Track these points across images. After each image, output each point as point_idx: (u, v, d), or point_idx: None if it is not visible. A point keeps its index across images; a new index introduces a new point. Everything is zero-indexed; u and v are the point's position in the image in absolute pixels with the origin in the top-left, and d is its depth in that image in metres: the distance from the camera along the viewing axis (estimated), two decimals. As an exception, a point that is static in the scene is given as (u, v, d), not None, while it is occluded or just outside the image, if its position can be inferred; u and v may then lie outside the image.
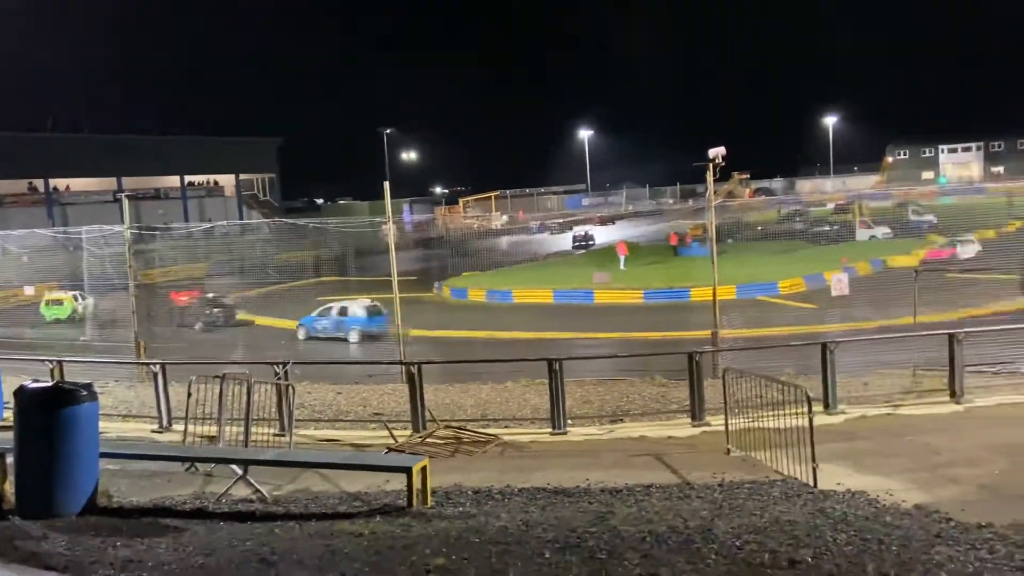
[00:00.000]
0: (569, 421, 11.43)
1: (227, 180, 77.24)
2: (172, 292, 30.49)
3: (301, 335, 25.74)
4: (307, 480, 8.76)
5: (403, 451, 10.17)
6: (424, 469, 7.52)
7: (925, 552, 5.39)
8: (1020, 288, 15.29)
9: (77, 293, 28.63)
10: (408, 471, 7.42)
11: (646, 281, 33.55)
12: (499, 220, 70.15)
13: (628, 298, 30.91)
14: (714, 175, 15.39)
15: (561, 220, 67.15)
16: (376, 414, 12.92)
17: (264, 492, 8.22)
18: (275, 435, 10.55)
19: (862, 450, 9.25)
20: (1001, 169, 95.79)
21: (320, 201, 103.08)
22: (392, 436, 10.84)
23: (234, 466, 8.58)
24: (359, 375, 16.16)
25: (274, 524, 6.89)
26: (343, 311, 25.51)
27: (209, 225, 31.53)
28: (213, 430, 9.84)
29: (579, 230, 55.46)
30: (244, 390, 9.64)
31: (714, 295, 15.64)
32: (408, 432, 11.38)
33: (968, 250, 32.25)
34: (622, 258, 40.65)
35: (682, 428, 11.08)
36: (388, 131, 77.05)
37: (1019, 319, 15.08)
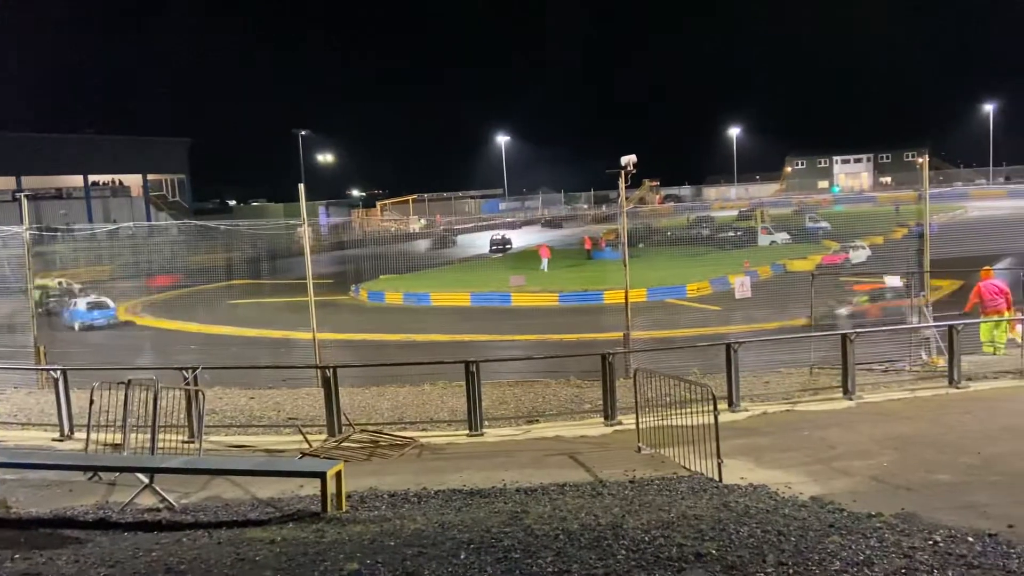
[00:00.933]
0: (486, 422, 11.40)
1: (134, 180, 74.05)
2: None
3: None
4: (217, 487, 8.46)
5: (318, 456, 9.94)
6: (339, 473, 7.37)
7: (820, 542, 5.61)
8: (906, 290, 16.14)
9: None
10: (322, 476, 7.25)
11: (561, 284, 33.94)
12: (417, 223, 69.65)
13: (544, 301, 31.21)
14: (626, 182, 15.61)
15: (477, 223, 67.14)
16: (291, 419, 12.60)
17: (171, 501, 7.88)
18: (184, 442, 10.14)
19: (763, 445, 9.57)
20: (889, 179, 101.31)
21: (233, 203, 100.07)
22: (307, 441, 10.59)
23: (140, 474, 8.19)
24: (273, 379, 15.73)
25: (182, 533, 6.62)
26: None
27: (114, 227, 30.10)
28: (118, 438, 9.38)
29: (496, 234, 55.61)
30: (150, 396, 9.23)
31: (626, 298, 15.91)
32: (323, 436, 11.14)
33: (859, 255, 33.95)
34: (545, 261, 41.01)
35: (595, 427, 11.20)
36: (304, 133, 75.41)
37: (903, 319, 15.90)
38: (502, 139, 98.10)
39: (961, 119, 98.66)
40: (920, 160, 17.21)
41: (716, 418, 7.96)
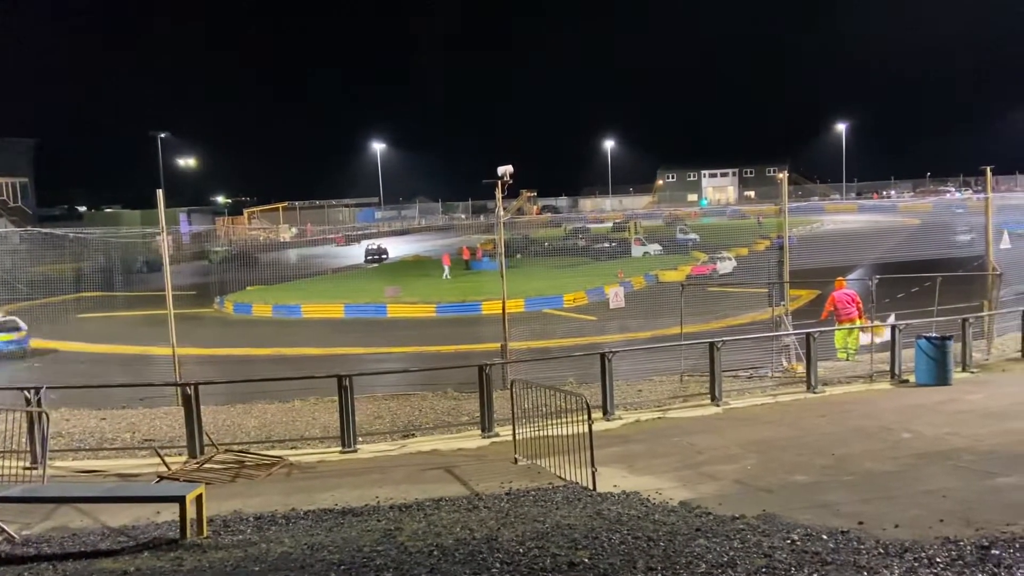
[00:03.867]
0: (360, 438, 11.23)
1: (-34, 184, 68.02)
2: None
3: None
4: (64, 517, 7.88)
5: (177, 479, 9.46)
6: (200, 497, 7.04)
7: (687, 545, 5.86)
8: (768, 299, 17.20)
9: None
10: (181, 500, 6.90)
11: (439, 295, 33.89)
12: (287, 232, 67.71)
13: (421, 312, 31.05)
14: (503, 192, 15.83)
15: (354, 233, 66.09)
16: (147, 440, 11.93)
17: (11, 532, 7.27)
18: (26, 468, 9.38)
19: (636, 452, 9.90)
20: (752, 193, 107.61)
21: (83, 209, 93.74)
22: (165, 463, 10.05)
23: (-30, 508, 7.51)
24: (127, 398, 14.85)
25: (22, 567, 6.13)
26: None
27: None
28: (-57, 468, 8.56)
29: (372, 244, 54.90)
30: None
31: (503, 308, 16.10)
32: (183, 458, 10.61)
33: (726, 266, 35.81)
34: (446, 268, 40.85)
35: (473, 440, 11.25)
36: (163, 135, 71.73)
37: (767, 328, 16.90)
38: (378, 146, 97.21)
39: (818, 136, 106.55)
40: (780, 175, 18.40)
41: (590, 427, 8.16)
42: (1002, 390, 13.10)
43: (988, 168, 17.96)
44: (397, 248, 56.89)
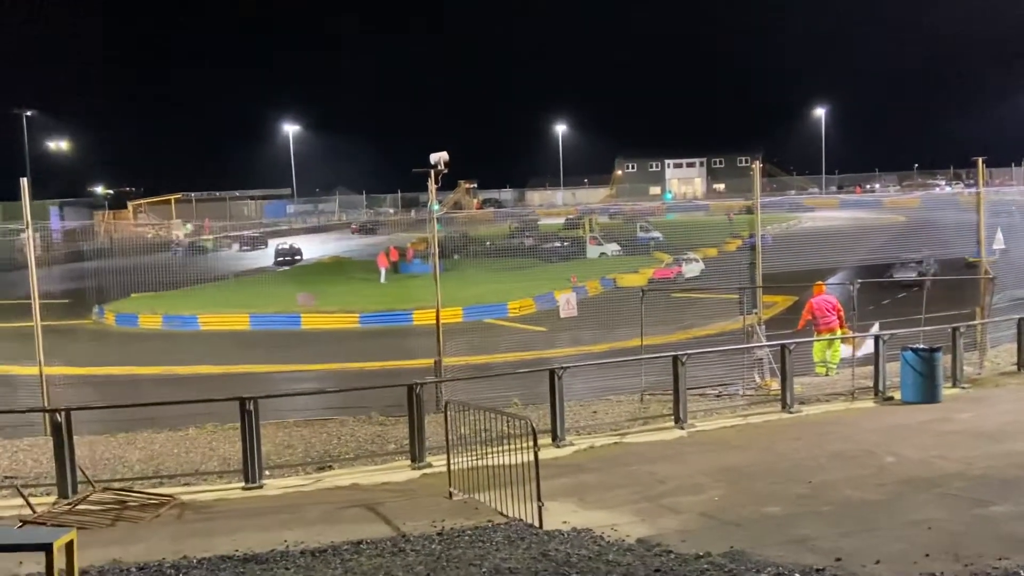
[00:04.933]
0: (267, 472, 11.10)
1: None
2: None
3: None
4: (-100, 574, 7.57)
5: (44, 523, 9.20)
6: (71, 544, 6.83)
7: (646, 588, 5.94)
8: (739, 307, 17.56)
9: None
10: (48, 548, 6.69)
11: (363, 303, 33.64)
12: (181, 229, 66.38)
13: (341, 322, 30.79)
14: (437, 183, 15.81)
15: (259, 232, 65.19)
16: (7, 478, 11.57)
17: None
18: None
19: (589, 484, 10.00)
20: (722, 186, 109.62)
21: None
22: (29, 505, 9.75)
23: None
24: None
25: None
26: None
27: None
28: None
29: (283, 243, 54.20)
30: None
31: (437, 318, 16.06)
32: (53, 499, 10.33)
33: (692, 268, 36.35)
34: (383, 271, 40.49)
35: (401, 472, 11.22)
36: (29, 113, 69.57)
37: (738, 340, 17.23)
38: (290, 129, 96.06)
39: (795, 123, 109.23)
40: (753, 166, 18.80)
41: (536, 455, 8.21)
42: (996, 408, 13.61)
43: (980, 159, 18.65)
44: (313, 248, 56.27)
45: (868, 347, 15.66)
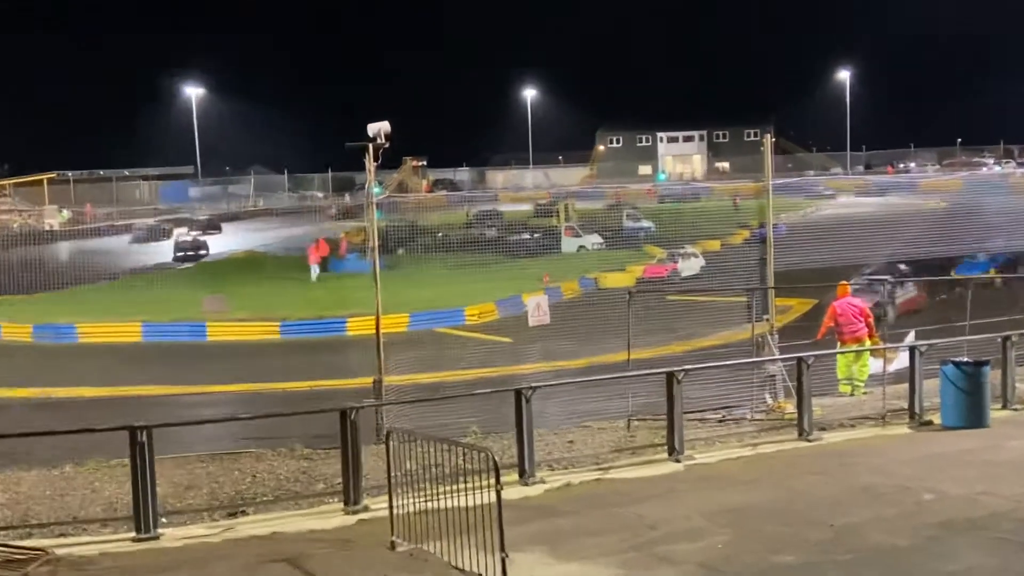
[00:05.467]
0: (164, 519, 11.02)
1: None
2: None
3: None
4: None
5: None
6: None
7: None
8: (748, 312, 17.72)
9: None
10: None
11: (285, 308, 33.50)
12: (56, 217, 65.61)
13: (257, 333, 30.72)
14: (377, 160, 15.78)
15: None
16: None
17: None
18: None
19: (564, 529, 10.03)
20: (726, 165, 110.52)
21: None
22: None
23: None
24: None
25: None
26: None
27: None
28: None
29: (185, 234, 53.78)
30: None
31: (377, 328, 16.01)
32: None
33: (690, 266, 36.66)
34: (314, 268, 40.26)
35: (332, 517, 11.19)
36: None
37: (747, 352, 17.39)
38: (193, 93, 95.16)
39: (813, 90, 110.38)
40: (764, 141, 18.99)
41: (499, 495, 8.23)
42: (1053, 434, 13.88)
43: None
44: (222, 240, 55.90)
45: (902, 361, 15.87)
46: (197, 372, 25.12)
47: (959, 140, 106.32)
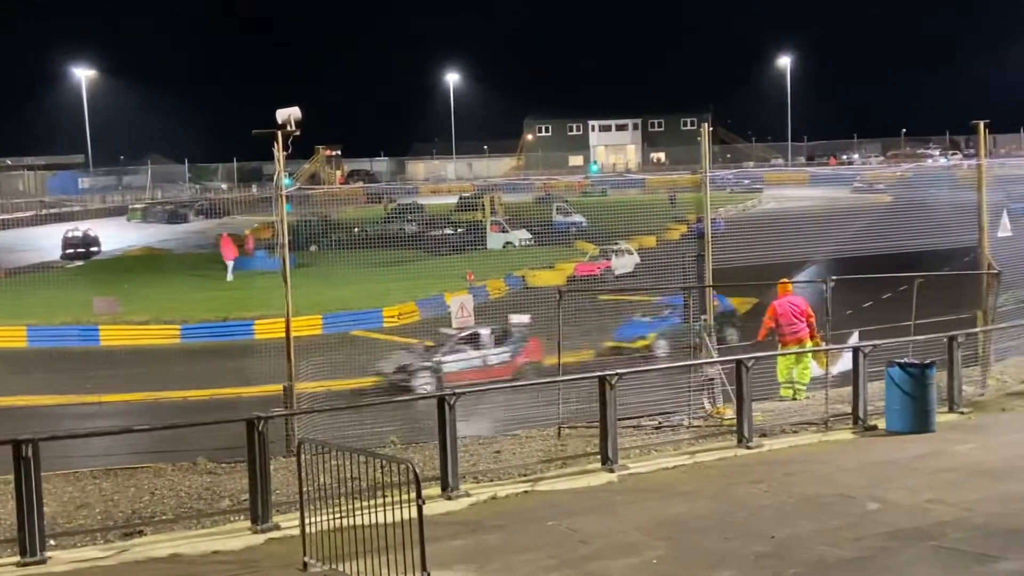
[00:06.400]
0: (52, 541, 10.83)
1: None
2: None
3: None
4: None
5: None
6: None
7: None
8: (684, 313, 17.92)
9: None
10: None
11: (186, 309, 33.07)
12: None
13: (156, 337, 30.31)
14: (286, 149, 15.61)
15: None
16: None
17: None
18: None
19: (491, 546, 10.06)
20: (662, 155, 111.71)
21: None
22: None
23: None
24: None
25: None
26: None
27: None
28: None
29: (73, 229, 52.71)
30: None
31: (287, 331, 15.85)
32: None
33: (625, 263, 36.92)
34: (230, 264, 39.61)
35: (239, 537, 11.09)
36: None
37: (684, 355, 17.56)
38: (83, 75, 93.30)
39: (753, 77, 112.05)
40: (701, 130, 19.12)
41: (420, 510, 8.20)
42: (1001, 438, 14.26)
43: (982, 123, 19.47)
44: (117, 236, 54.95)
45: (846, 363, 16.15)
46: (89, 380, 24.63)
47: (903, 131, 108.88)
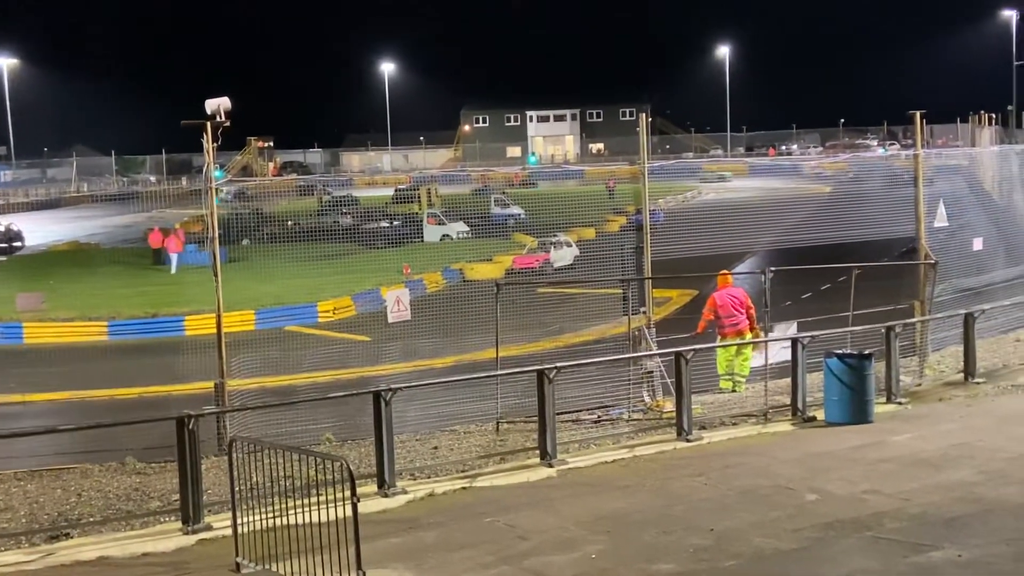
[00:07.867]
0: (-27, 546, 10.65)
1: None
2: None
3: None
4: None
5: None
6: None
7: None
8: (623, 305, 17.99)
9: None
10: None
11: (113, 305, 32.69)
12: None
13: (82, 334, 29.94)
14: (216, 140, 15.48)
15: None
16: None
17: None
18: None
19: (428, 544, 10.09)
20: (601, 146, 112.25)
21: None
22: None
23: None
24: None
25: None
26: None
27: None
28: None
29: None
30: None
31: (219, 326, 15.75)
32: None
33: (563, 255, 37.04)
34: (174, 258, 39.09)
35: (169, 538, 11.02)
36: None
37: (623, 347, 17.66)
38: (3, 62, 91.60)
39: (692, 67, 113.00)
40: (640, 120, 19.27)
41: (355, 508, 8.20)
42: (938, 428, 14.55)
43: (918, 113, 19.82)
44: (41, 230, 54.11)
45: (784, 354, 16.35)
46: (12, 378, 24.26)
47: (842, 121, 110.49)
